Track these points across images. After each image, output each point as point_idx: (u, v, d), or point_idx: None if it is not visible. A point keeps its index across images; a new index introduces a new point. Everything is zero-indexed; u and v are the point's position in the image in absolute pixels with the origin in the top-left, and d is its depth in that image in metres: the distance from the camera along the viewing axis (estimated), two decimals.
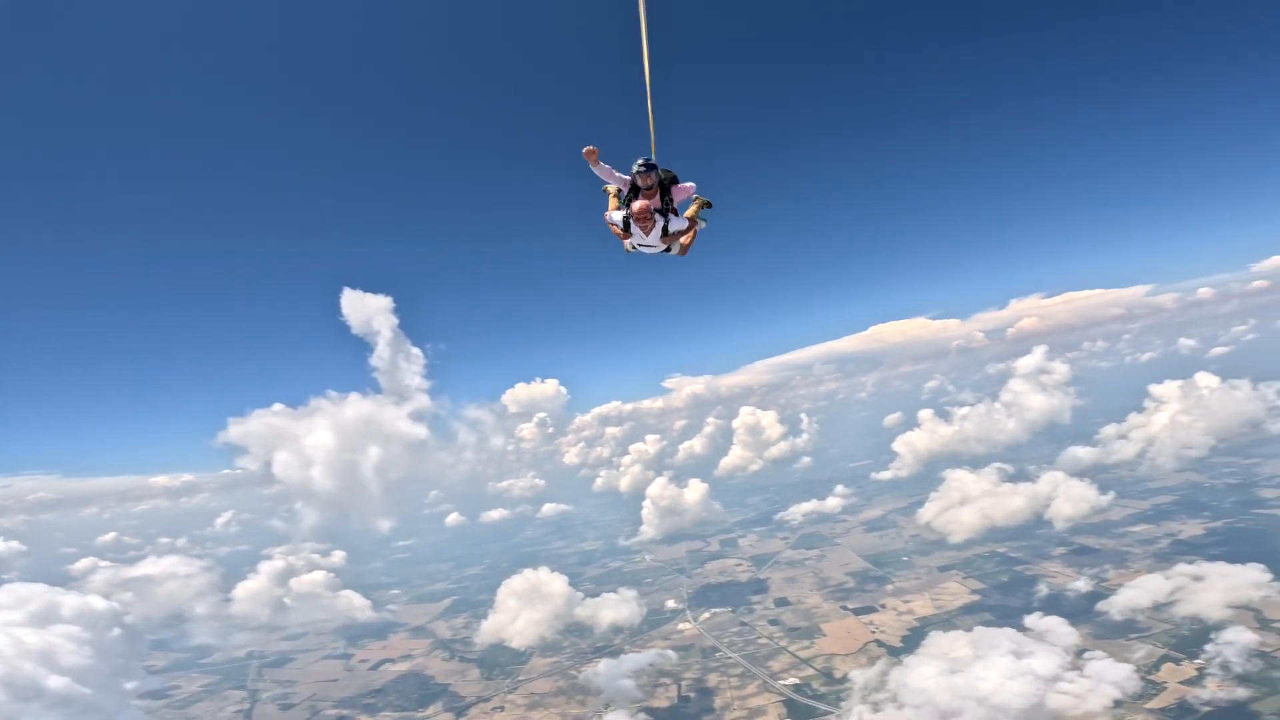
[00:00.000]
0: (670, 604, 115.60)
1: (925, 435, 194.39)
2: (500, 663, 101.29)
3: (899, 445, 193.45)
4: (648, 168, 12.08)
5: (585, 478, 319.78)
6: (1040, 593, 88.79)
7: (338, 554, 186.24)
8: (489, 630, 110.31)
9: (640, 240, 12.66)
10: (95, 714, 75.72)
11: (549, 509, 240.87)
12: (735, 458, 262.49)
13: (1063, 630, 73.31)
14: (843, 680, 76.76)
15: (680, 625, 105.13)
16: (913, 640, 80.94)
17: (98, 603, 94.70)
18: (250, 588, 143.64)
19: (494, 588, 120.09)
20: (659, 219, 12.39)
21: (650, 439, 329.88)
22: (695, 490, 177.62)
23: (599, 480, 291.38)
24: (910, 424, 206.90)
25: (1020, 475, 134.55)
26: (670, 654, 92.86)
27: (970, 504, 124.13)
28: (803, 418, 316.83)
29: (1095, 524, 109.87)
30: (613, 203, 13.07)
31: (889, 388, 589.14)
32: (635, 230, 12.45)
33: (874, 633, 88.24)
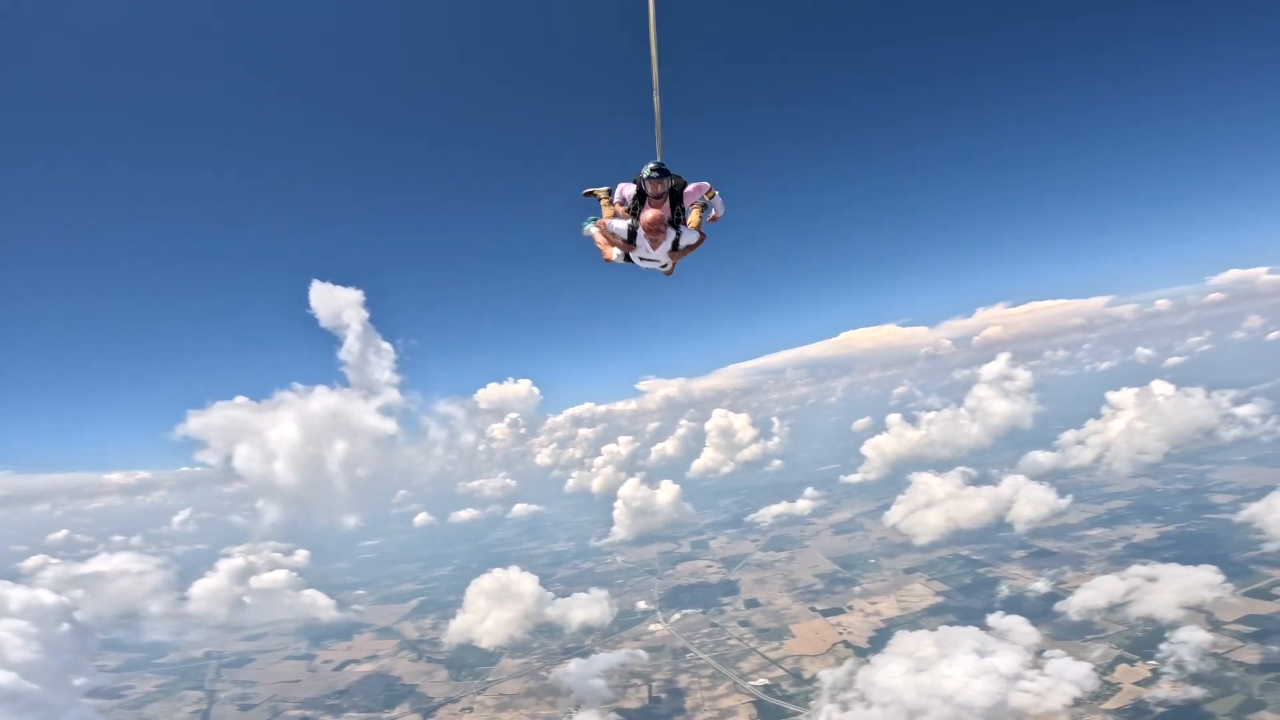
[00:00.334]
0: (641, 605, 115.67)
1: (893, 439, 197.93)
2: (469, 663, 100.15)
3: (867, 449, 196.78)
4: (660, 173, 10.76)
5: (557, 478, 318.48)
6: (1001, 594, 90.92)
7: (301, 553, 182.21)
8: (457, 630, 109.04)
9: (645, 254, 11.36)
10: (42, 710, 73.12)
11: (520, 509, 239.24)
12: (707, 460, 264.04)
13: (1024, 630, 75.33)
14: (811, 681, 77.67)
15: (651, 626, 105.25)
16: (879, 641, 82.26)
17: (46, 597, 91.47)
18: (208, 586, 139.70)
19: (463, 588, 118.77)
20: (670, 231, 11.14)
21: (623, 440, 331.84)
22: (667, 492, 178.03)
23: (571, 481, 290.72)
24: (879, 428, 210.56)
25: (983, 479, 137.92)
26: (641, 654, 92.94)
27: (935, 507, 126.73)
28: (774, 421, 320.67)
29: (1054, 527, 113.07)
30: (608, 209, 11.72)
31: (859, 393, 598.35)
32: (642, 243, 11.13)
33: (842, 634, 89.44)
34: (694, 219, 11.26)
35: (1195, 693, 60.53)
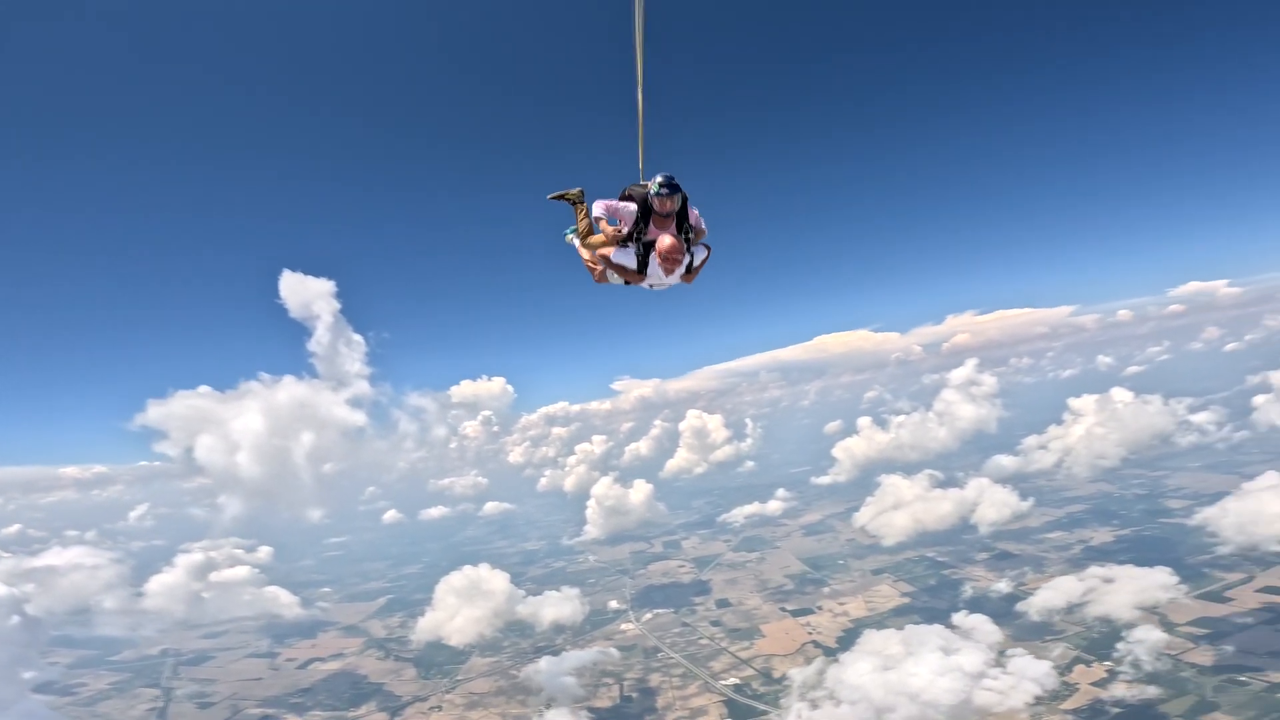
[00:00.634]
0: (613, 604, 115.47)
1: (863, 442, 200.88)
2: (438, 661, 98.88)
3: (838, 451, 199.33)
4: (671, 188, 9.34)
5: (530, 477, 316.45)
6: (965, 595, 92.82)
7: (264, 550, 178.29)
8: (426, 628, 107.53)
9: (656, 280, 10.17)
10: None
11: (491, 507, 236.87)
12: (681, 460, 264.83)
13: (987, 628, 77.03)
14: (781, 680, 78.35)
15: (623, 626, 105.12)
16: (847, 641, 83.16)
17: None
18: (164, 581, 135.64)
19: (432, 587, 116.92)
20: (685, 256, 9.95)
21: (597, 440, 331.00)
22: (640, 491, 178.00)
23: (544, 480, 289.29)
24: (850, 431, 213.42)
25: (950, 481, 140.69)
26: (613, 652, 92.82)
27: (903, 508, 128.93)
28: (748, 423, 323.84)
29: (1016, 530, 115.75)
30: (584, 221, 10.35)
31: (831, 396, 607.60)
32: (654, 270, 9.92)
33: (811, 634, 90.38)
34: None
35: (1151, 692, 62.27)
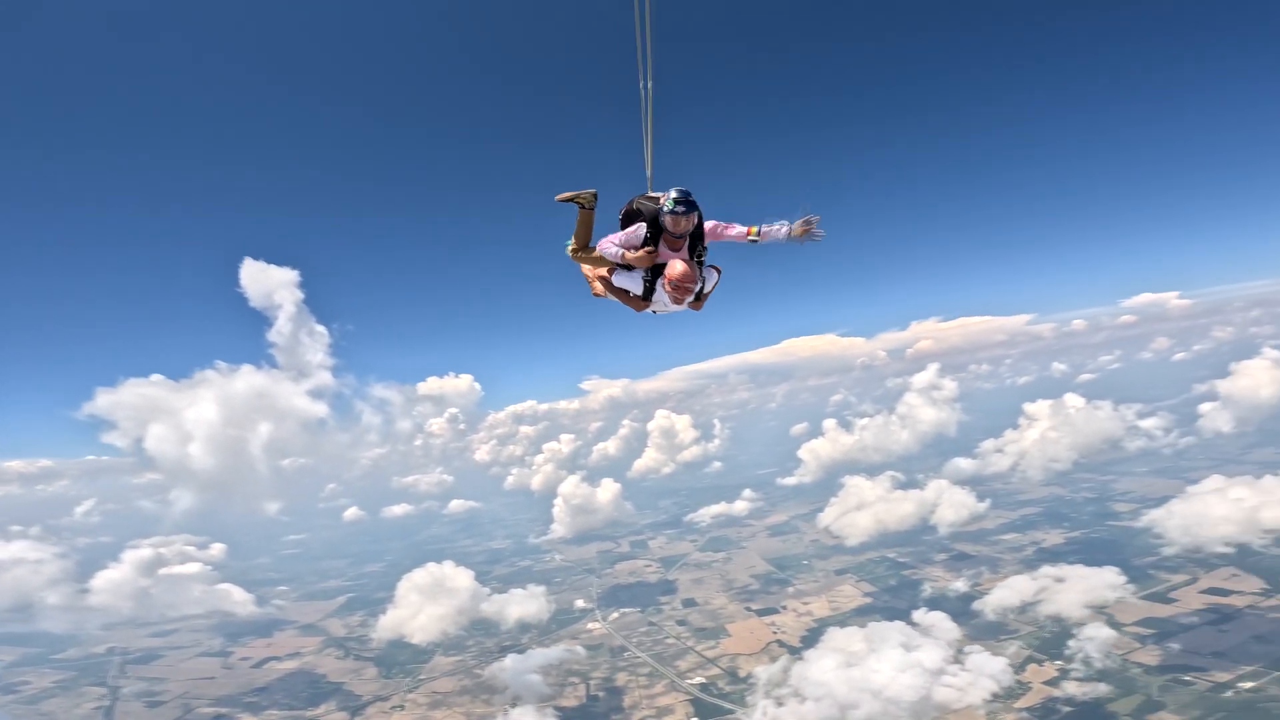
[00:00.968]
0: (579, 603, 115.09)
1: (828, 444, 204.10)
2: (400, 660, 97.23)
3: (804, 453, 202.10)
4: (687, 206, 8.65)
5: (496, 475, 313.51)
6: (924, 594, 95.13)
7: (217, 547, 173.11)
8: (387, 626, 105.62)
9: (661, 307, 9.53)
10: None
11: (456, 505, 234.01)
12: (649, 460, 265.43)
13: (946, 625, 79.23)
14: (747, 679, 79.14)
15: (589, 625, 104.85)
16: (811, 640, 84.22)
17: None
18: (111, 578, 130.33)
19: (394, 585, 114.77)
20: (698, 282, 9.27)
21: (565, 438, 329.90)
22: (608, 490, 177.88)
23: (510, 478, 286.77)
24: (815, 433, 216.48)
25: (911, 483, 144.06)
26: (580, 651, 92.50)
27: (866, 509, 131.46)
28: (715, 424, 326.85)
29: (973, 531, 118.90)
30: (584, 228, 9.49)
31: (797, 399, 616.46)
32: (660, 296, 9.26)
33: (776, 633, 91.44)
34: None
35: (1101, 690, 64.46)
